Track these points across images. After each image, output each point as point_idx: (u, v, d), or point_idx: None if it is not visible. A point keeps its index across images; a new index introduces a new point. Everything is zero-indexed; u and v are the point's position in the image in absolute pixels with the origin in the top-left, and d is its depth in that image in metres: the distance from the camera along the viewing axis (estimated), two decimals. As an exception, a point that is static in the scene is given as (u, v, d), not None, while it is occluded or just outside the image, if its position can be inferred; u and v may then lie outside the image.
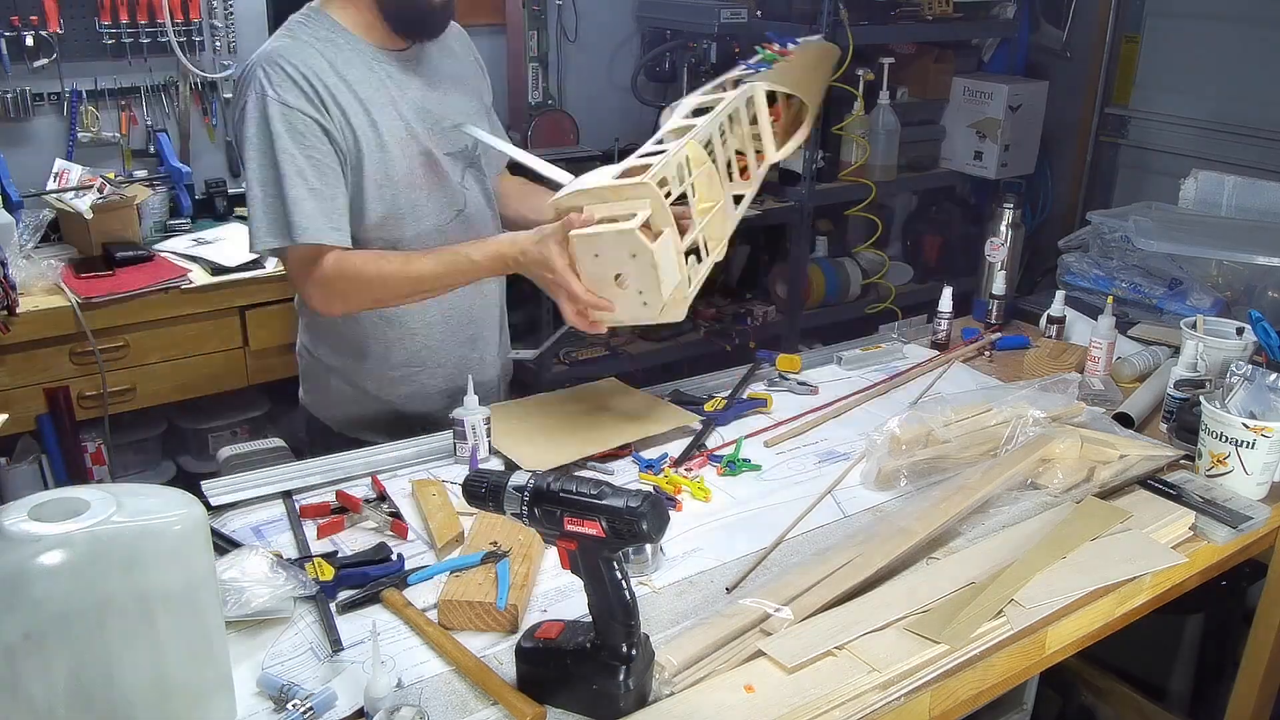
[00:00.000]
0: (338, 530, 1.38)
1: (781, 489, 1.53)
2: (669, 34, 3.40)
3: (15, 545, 0.83)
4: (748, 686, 1.08)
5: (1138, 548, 1.36)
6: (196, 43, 2.87)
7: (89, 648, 0.85)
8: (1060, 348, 2.04)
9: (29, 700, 0.84)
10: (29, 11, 2.63)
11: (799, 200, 3.32)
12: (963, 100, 3.62)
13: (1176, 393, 1.70)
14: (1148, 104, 3.57)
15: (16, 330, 2.29)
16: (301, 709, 1.03)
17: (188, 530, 0.91)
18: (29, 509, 0.87)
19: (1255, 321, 1.71)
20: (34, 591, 0.83)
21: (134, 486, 0.96)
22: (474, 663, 1.12)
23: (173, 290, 2.48)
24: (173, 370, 2.55)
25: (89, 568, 0.85)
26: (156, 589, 0.88)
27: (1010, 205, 2.16)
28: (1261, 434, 1.48)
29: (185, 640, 0.91)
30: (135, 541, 0.88)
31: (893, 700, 1.11)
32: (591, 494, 1.03)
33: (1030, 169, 3.69)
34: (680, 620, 1.22)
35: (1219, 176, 2.49)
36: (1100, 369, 1.88)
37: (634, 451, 1.61)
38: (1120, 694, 2.13)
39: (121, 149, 2.86)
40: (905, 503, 1.46)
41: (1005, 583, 1.25)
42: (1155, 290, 2.25)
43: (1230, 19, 3.28)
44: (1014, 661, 1.22)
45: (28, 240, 2.55)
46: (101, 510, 0.87)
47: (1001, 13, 3.67)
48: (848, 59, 3.13)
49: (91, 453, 2.54)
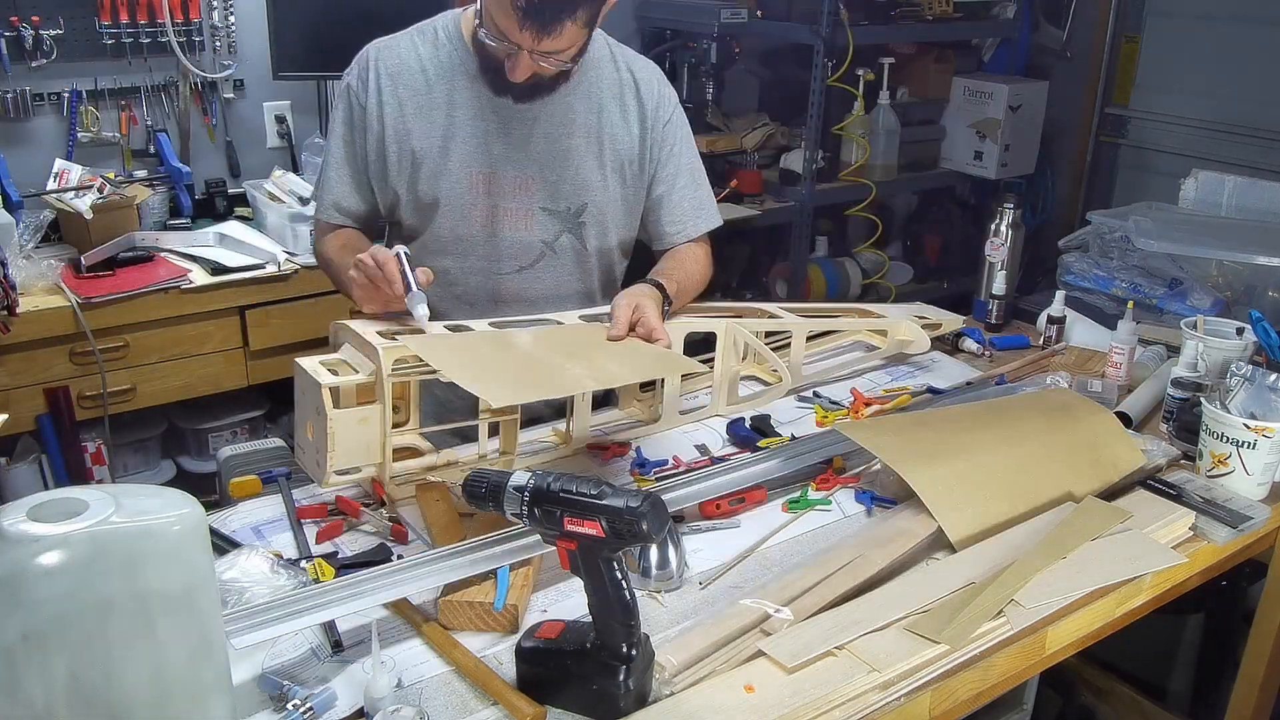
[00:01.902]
0: (337, 534, 1.37)
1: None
2: (669, 34, 3.40)
3: (14, 546, 0.83)
4: (748, 686, 1.08)
5: (1138, 548, 1.36)
6: (196, 43, 2.87)
7: (88, 648, 0.85)
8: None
9: (28, 701, 0.84)
10: (29, 11, 2.63)
11: (799, 200, 3.32)
12: (963, 100, 3.62)
13: (1176, 393, 1.70)
14: (1148, 104, 3.57)
15: (16, 330, 2.29)
16: (301, 709, 1.03)
17: (187, 531, 0.91)
18: (28, 509, 0.86)
19: (1255, 321, 1.71)
20: (33, 592, 0.83)
21: (133, 487, 0.96)
22: (474, 663, 1.12)
23: (173, 290, 2.48)
24: (173, 370, 2.55)
25: (88, 568, 0.85)
26: (156, 590, 0.88)
27: (1010, 205, 2.16)
28: (1262, 434, 1.47)
29: (185, 640, 0.91)
30: (134, 542, 0.87)
31: (893, 700, 1.11)
32: (591, 494, 1.03)
33: (1030, 169, 3.69)
34: (680, 620, 1.22)
35: (1219, 176, 2.49)
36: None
37: (635, 450, 1.61)
38: (1120, 694, 2.13)
39: (121, 149, 2.86)
40: (905, 504, 1.46)
41: (1005, 583, 1.25)
42: (1155, 290, 2.25)
43: (1230, 19, 3.28)
44: (1014, 661, 1.22)
45: (28, 240, 2.55)
46: (101, 511, 0.87)
47: (1001, 13, 3.67)
48: (848, 59, 3.13)
49: (91, 453, 2.54)
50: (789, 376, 1.77)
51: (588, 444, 1.61)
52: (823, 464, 1.55)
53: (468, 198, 1.63)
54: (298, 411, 1.41)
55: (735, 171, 3.37)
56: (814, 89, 3.20)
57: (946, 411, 1.64)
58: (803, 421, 1.73)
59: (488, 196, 1.64)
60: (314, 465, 1.37)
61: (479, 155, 1.62)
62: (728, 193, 3.30)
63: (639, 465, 1.55)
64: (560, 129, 1.64)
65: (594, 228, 1.70)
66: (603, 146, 1.67)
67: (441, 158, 1.62)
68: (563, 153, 1.64)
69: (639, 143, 1.71)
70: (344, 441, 1.33)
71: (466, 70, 1.60)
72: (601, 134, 1.67)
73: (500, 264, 1.68)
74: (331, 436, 1.32)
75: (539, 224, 1.67)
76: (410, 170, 1.63)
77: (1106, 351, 1.92)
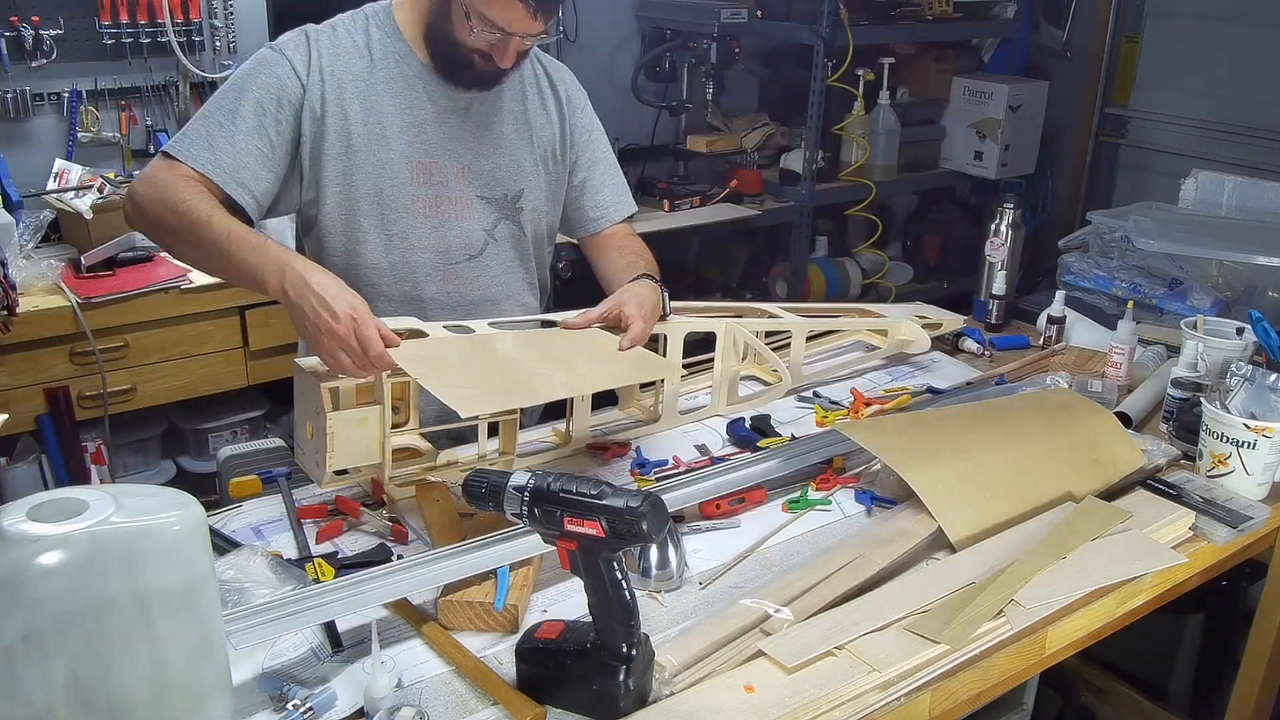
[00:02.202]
0: (337, 534, 1.37)
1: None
2: (669, 34, 3.40)
3: (14, 546, 0.83)
4: (748, 686, 1.08)
5: (1138, 548, 1.36)
6: (196, 43, 2.87)
7: (88, 648, 0.85)
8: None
9: (28, 701, 0.84)
10: (29, 11, 2.63)
11: (799, 200, 3.32)
12: (963, 100, 3.62)
13: (1176, 393, 1.70)
14: (1148, 104, 3.57)
15: (16, 330, 2.29)
16: (301, 709, 1.03)
17: (187, 530, 0.91)
18: (28, 509, 0.86)
19: (1255, 321, 1.71)
20: (33, 592, 0.83)
21: (133, 487, 0.96)
22: (474, 663, 1.12)
23: (173, 290, 2.48)
24: (173, 370, 2.55)
25: (88, 568, 0.85)
26: (155, 589, 0.88)
27: (1010, 205, 2.16)
28: (1262, 434, 1.47)
29: (185, 640, 0.91)
30: (134, 542, 0.88)
31: (893, 700, 1.11)
32: (591, 494, 1.03)
33: (1030, 169, 3.69)
34: (680, 620, 1.22)
35: (1219, 176, 2.49)
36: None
37: (635, 450, 1.61)
38: (1120, 694, 2.13)
39: (121, 149, 2.86)
40: (905, 504, 1.46)
41: (1005, 583, 1.25)
42: (1155, 290, 2.25)
43: (1230, 19, 3.28)
44: (1014, 661, 1.22)
45: (28, 240, 2.55)
46: (100, 511, 0.87)
47: (1001, 13, 3.67)
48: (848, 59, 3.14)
49: (91, 453, 2.54)
50: (789, 376, 1.77)
51: (588, 444, 1.61)
52: (823, 464, 1.55)
53: (409, 188, 1.58)
54: (297, 412, 1.41)
55: (735, 171, 3.37)
56: (814, 89, 3.20)
57: (946, 411, 1.64)
58: (803, 421, 1.73)
59: (428, 186, 1.59)
60: (313, 465, 1.37)
61: (418, 145, 1.58)
62: (728, 193, 3.30)
63: (639, 465, 1.55)
64: (490, 116, 1.63)
65: (529, 214, 1.69)
66: (531, 133, 1.67)
67: (380, 147, 1.56)
68: (495, 139, 1.63)
69: (559, 130, 1.71)
70: (343, 442, 1.33)
71: (400, 60, 1.57)
72: (529, 121, 1.67)
73: (450, 254, 1.63)
74: (330, 437, 1.32)
75: (478, 212, 1.64)
76: (344, 158, 1.54)
77: (1106, 351, 1.92)
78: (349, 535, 1.38)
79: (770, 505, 1.48)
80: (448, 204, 1.61)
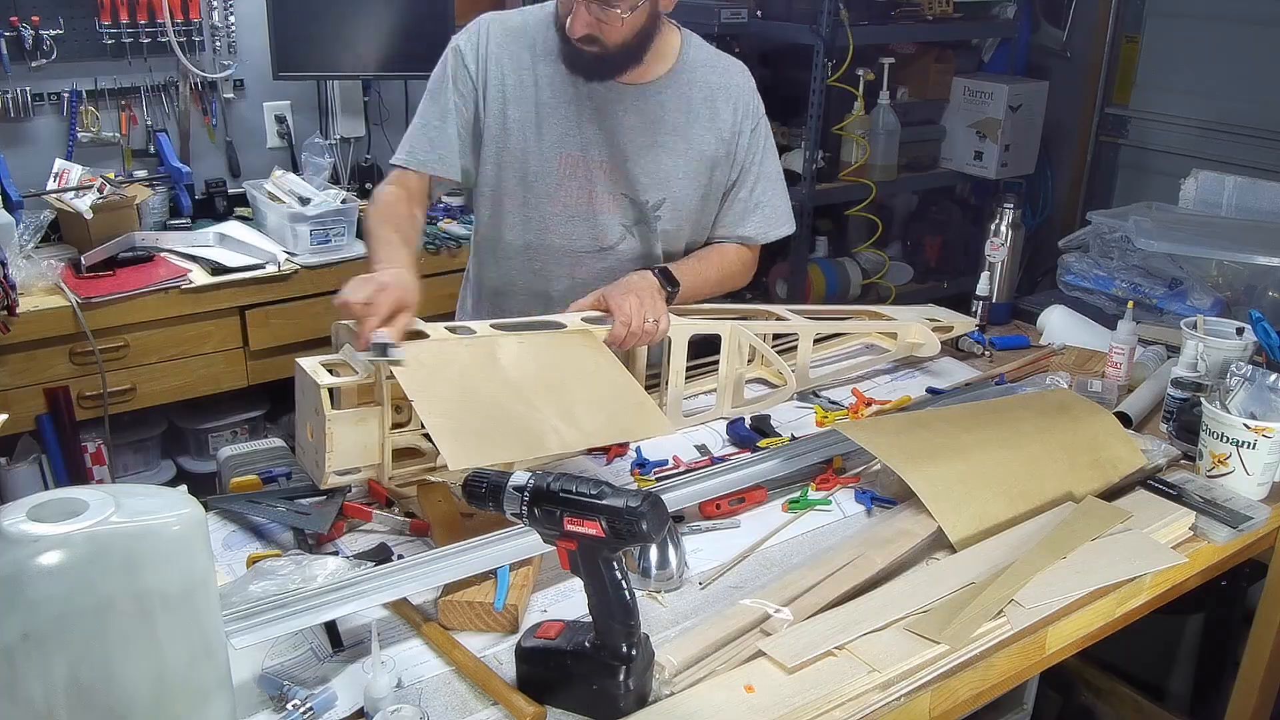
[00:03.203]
0: (338, 534, 1.37)
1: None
2: (669, 34, 3.39)
3: (14, 546, 0.83)
4: (748, 686, 1.08)
5: (1138, 548, 1.36)
6: (196, 43, 2.87)
7: (88, 648, 0.85)
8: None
9: (28, 701, 0.84)
10: (29, 11, 2.63)
11: (799, 200, 3.31)
12: (963, 100, 3.62)
13: (1176, 393, 1.70)
14: (1148, 104, 3.56)
15: (16, 330, 2.29)
16: (301, 709, 1.03)
17: (186, 531, 0.91)
18: (28, 509, 0.86)
19: (1255, 321, 1.71)
20: (33, 592, 0.83)
21: (133, 487, 0.96)
22: (474, 663, 1.12)
23: (172, 290, 2.48)
24: (173, 370, 2.55)
25: (88, 568, 0.85)
26: (155, 589, 0.88)
27: (1010, 205, 2.16)
28: (1262, 434, 1.47)
29: (184, 640, 0.91)
30: (134, 542, 0.87)
31: (893, 700, 1.11)
32: (591, 494, 1.03)
33: (1030, 169, 3.68)
34: (680, 620, 1.22)
35: (1219, 176, 2.49)
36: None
37: (635, 450, 1.61)
38: (1120, 694, 2.13)
39: (121, 149, 2.86)
40: (905, 504, 1.46)
41: (1005, 583, 1.25)
42: (1155, 290, 2.25)
43: (1230, 19, 3.27)
44: (1014, 661, 1.22)
45: (28, 240, 2.55)
46: (100, 511, 0.87)
47: (1001, 13, 3.66)
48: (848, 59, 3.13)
49: (91, 453, 2.54)
50: (794, 380, 1.77)
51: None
52: (823, 464, 1.55)
53: (554, 178, 1.67)
54: (298, 412, 1.41)
55: (735, 171, 3.36)
56: (814, 89, 3.20)
57: (946, 411, 1.64)
58: (803, 421, 1.73)
59: (576, 178, 1.68)
60: (314, 465, 1.37)
61: (572, 136, 1.66)
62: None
63: (639, 465, 1.56)
64: (650, 124, 1.68)
65: (667, 223, 1.74)
66: (690, 148, 1.71)
67: (533, 135, 1.65)
68: (648, 147, 1.68)
69: (724, 149, 1.74)
70: (342, 442, 1.33)
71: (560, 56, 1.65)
72: (690, 136, 1.71)
73: (582, 244, 1.71)
74: (330, 437, 1.32)
75: (618, 210, 1.71)
76: (499, 140, 1.66)
77: (1106, 351, 1.92)
78: (349, 535, 1.38)
79: (770, 505, 1.48)
80: (588, 198, 1.69)
